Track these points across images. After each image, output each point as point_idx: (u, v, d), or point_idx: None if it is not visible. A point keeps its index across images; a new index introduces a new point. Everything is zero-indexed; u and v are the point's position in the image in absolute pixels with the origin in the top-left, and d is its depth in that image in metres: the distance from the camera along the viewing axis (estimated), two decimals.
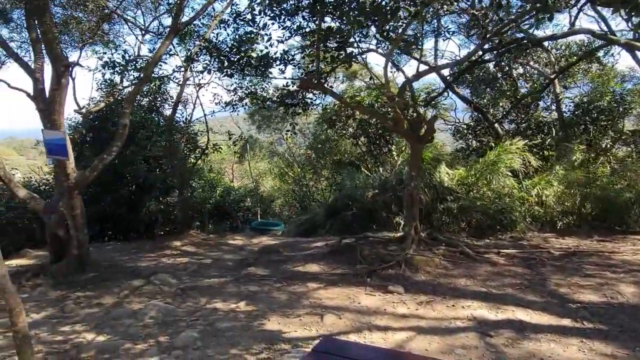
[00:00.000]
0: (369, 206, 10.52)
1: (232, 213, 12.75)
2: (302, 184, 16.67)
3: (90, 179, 7.02)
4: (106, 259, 9.00)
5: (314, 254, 8.28)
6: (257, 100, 9.06)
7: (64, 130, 6.41)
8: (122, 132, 7.09)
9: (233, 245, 10.02)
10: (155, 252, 9.34)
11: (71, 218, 7.10)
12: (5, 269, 3.53)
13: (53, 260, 7.71)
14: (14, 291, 3.57)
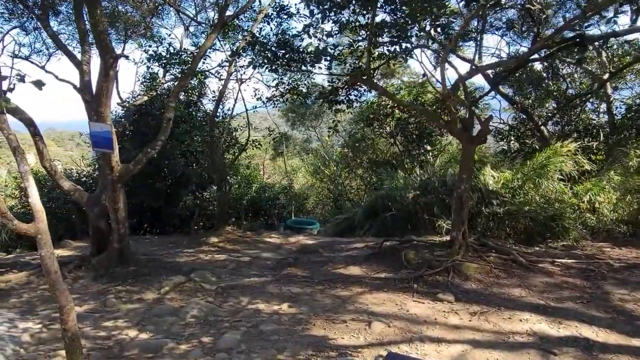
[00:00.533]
0: (409, 208, 10.20)
1: (268, 210, 12.64)
2: (337, 182, 16.43)
3: (133, 172, 6.97)
4: (145, 252, 8.99)
5: (355, 256, 8.03)
6: (299, 96, 8.86)
7: (110, 123, 6.36)
8: (167, 126, 7.02)
9: (270, 243, 9.88)
10: (193, 248, 9.28)
11: (113, 211, 7.07)
12: (57, 265, 3.43)
13: (94, 253, 7.72)
14: (65, 288, 3.47)
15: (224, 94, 9.33)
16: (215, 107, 9.48)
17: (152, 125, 12.17)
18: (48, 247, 3.39)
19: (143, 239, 10.88)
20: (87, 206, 7.61)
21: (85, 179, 12.49)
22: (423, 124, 13.93)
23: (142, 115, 12.82)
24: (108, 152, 6.51)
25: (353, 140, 16.50)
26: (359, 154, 15.12)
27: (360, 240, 9.74)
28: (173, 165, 12.09)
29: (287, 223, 12.65)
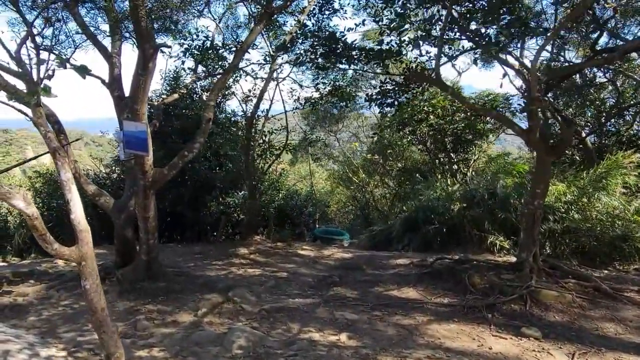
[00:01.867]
0: (453, 221, 9.42)
1: (295, 219, 11.91)
2: (365, 190, 15.67)
3: (168, 177, 6.26)
4: (170, 264, 8.27)
5: (405, 275, 7.26)
6: (341, 98, 8.13)
7: (146, 122, 5.65)
8: (206, 127, 6.31)
9: (304, 256, 9.13)
10: (222, 260, 8.56)
11: (143, 220, 6.35)
12: (104, 302, 2.70)
13: (119, 264, 7.02)
14: (114, 331, 2.73)
15: (264, 93, 8.64)
16: (254, 108, 8.74)
17: (175, 126, 11.50)
18: (93, 277, 2.67)
19: (165, 247, 10.15)
20: (113, 213, 6.91)
21: (105, 182, 11.81)
22: (460, 131, 13.17)
23: (165, 115, 12.15)
24: (142, 155, 5.80)
25: (380, 146, 15.73)
26: (389, 161, 14.35)
27: (401, 256, 8.98)
28: (197, 169, 11.38)
29: (316, 233, 11.90)
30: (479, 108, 6.07)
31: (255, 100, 8.71)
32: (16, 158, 65.49)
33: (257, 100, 8.63)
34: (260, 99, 8.62)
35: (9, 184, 13.64)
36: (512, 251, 8.45)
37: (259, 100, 8.59)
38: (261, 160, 9.67)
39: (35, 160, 16.56)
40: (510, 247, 8.50)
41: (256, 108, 8.66)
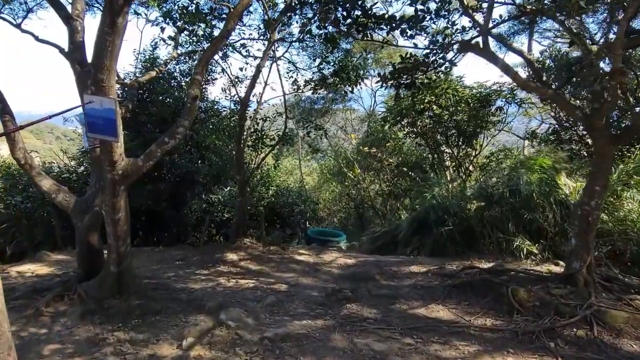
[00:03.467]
0: (470, 222, 8.38)
1: (287, 218, 10.68)
2: (360, 187, 14.51)
3: (143, 170, 4.98)
4: (147, 273, 6.98)
5: (428, 288, 6.15)
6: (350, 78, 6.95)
7: (115, 97, 4.36)
8: (191, 108, 5.05)
9: (303, 262, 7.94)
10: (209, 269, 7.30)
11: (112, 223, 5.06)
12: None
13: (82, 277, 5.70)
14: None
15: (260, 72, 7.32)
16: (249, 89, 7.42)
17: (152, 113, 10.14)
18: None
19: (140, 252, 8.81)
20: (74, 214, 5.59)
21: (68, 176, 10.34)
22: (464, 123, 12.17)
23: (140, 101, 10.76)
24: (109, 140, 4.51)
25: (375, 139, 14.61)
26: (385, 155, 13.24)
27: (413, 262, 7.88)
28: (177, 162, 10.06)
29: (309, 234, 10.70)
30: (533, 86, 5.00)
31: (249, 81, 7.41)
32: None
33: (251, 80, 7.32)
34: (256, 78, 7.33)
35: None
36: (541, 257, 7.48)
37: (254, 80, 7.31)
38: (252, 152, 8.41)
39: None
40: (539, 252, 7.50)
41: (250, 89, 7.38)
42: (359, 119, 23.83)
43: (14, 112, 5.21)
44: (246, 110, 7.49)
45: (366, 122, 19.86)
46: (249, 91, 7.39)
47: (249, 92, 7.39)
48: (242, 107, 7.38)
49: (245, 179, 8.06)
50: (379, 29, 5.32)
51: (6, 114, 5.06)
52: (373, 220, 14.70)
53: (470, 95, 12.24)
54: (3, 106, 5.06)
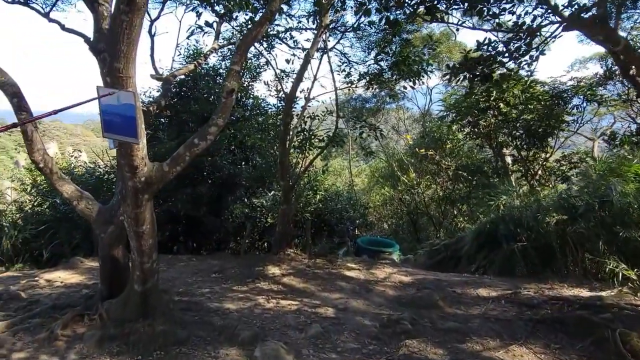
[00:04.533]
0: (548, 238, 7.16)
1: (335, 225, 9.82)
2: (414, 192, 13.42)
3: (169, 176, 4.26)
4: (180, 287, 6.33)
5: (505, 322, 5.09)
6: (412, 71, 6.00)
7: (135, 91, 3.65)
8: (226, 104, 4.28)
9: (353, 279, 7.03)
10: (247, 284, 6.55)
11: (135, 236, 4.38)
12: None
13: (105, 294, 5.08)
14: None
15: (308, 64, 6.48)
16: (294, 85, 6.57)
17: (194, 111, 9.56)
18: None
19: (177, 260, 8.22)
20: (97, 224, 4.97)
21: (104, 177, 9.97)
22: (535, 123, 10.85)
23: (182, 99, 10.25)
24: (129, 142, 3.81)
25: (431, 140, 13.45)
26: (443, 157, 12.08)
27: (480, 283, 6.79)
28: (219, 164, 9.43)
29: (359, 243, 9.77)
30: None
31: (296, 75, 6.56)
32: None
33: (299, 72, 6.44)
34: (304, 70, 6.47)
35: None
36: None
37: (302, 72, 6.43)
38: (298, 154, 7.61)
39: None
40: (637, 278, 6.21)
41: (297, 82, 6.53)
42: (412, 119, 22.62)
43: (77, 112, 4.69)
44: (292, 108, 6.67)
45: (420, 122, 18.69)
46: (296, 85, 6.54)
47: (295, 86, 6.54)
48: (287, 103, 6.56)
49: (291, 185, 7.25)
50: (453, 8, 4.34)
51: (23, 110, 4.50)
52: (427, 228, 13.57)
53: (541, 92, 10.93)
54: (19, 101, 4.50)
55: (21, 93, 4.57)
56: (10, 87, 4.49)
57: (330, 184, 11.34)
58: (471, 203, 11.89)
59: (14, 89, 4.52)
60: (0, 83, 4.44)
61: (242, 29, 6.72)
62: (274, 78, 8.45)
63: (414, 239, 12.36)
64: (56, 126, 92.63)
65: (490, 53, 4.85)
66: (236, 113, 10.07)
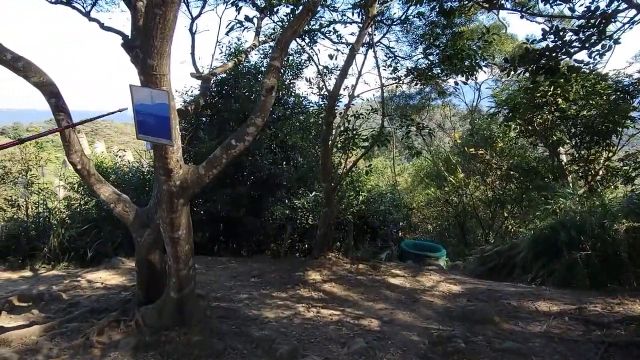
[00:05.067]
0: (617, 247, 6.49)
1: (379, 228, 9.41)
2: (462, 193, 12.78)
3: (205, 180, 4.03)
4: (218, 291, 6.14)
5: (570, 342, 4.56)
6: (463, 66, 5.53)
7: (169, 90, 3.43)
8: (265, 102, 4.01)
9: (398, 288, 6.64)
10: (287, 290, 6.29)
11: (170, 242, 4.19)
12: None
13: (142, 299, 4.94)
14: None
15: (354, 58, 6.10)
16: (338, 81, 6.20)
17: (235, 110, 9.41)
18: None
19: (217, 262, 8.09)
20: (134, 227, 4.83)
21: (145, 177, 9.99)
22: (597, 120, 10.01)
23: (223, 97, 10.13)
24: (162, 143, 3.60)
25: (479, 139, 12.75)
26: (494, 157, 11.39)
27: (539, 295, 6.21)
28: (259, 163, 9.24)
29: (403, 247, 9.32)
30: None
31: (340, 70, 6.18)
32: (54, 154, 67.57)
33: (343, 67, 6.05)
34: (349, 65, 6.06)
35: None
36: None
37: (347, 67, 6.03)
38: (342, 154, 7.25)
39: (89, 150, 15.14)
40: None
41: (341, 79, 6.16)
42: (458, 116, 21.77)
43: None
44: (336, 106, 6.33)
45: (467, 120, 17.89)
46: (340, 82, 6.15)
47: (339, 82, 6.15)
48: (330, 101, 6.21)
49: (333, 186, 6.92)
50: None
51: (60, 111, 4.40)
52: (475, 231, 12.89)
53: (604, 85, 10.06)
54: (57, 102, 4.40)
55: (59, 93, 4.48)
56: (48, 87, 4.40)
57: (373, 185, 10.90)
58: (524, 205, 11.16)
59: (52, 89, 4.43)
60: (38, 83, 4.35)
61: (283, 24, 6.46)
62: (316, 75, 8.16)
63: (461, 242, 11.75)
64: (107, 125, 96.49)
65: (556, 43, 4.33)
66: (277, 112, 9.86)
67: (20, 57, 4.34)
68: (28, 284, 6.91)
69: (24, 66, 4.30)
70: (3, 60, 4.27)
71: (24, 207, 10.68)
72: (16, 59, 4.30)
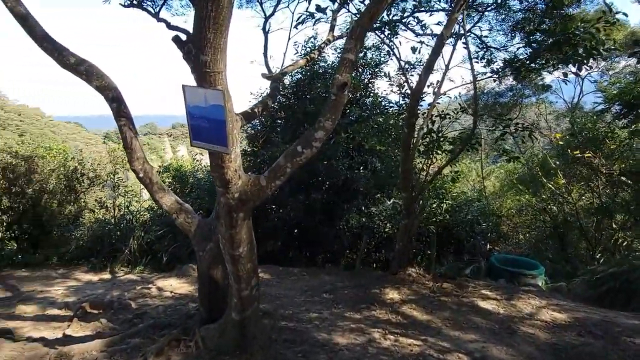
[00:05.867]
0: None
1: (466, 240, 8.45)
2: (563, 200, 11.31)
3: (267, 192, 3.55)
4: (287, 308, 5.68)
5: None
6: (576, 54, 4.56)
7: (225, 89, 2.97)
8: (337, 101, 3.44)
9: (489, 313, 5.74)
10: (361, 311, 5.67)
11: (231, 260, 3.76)
12: None
13: (204, 317, 4.59)
14: None
15: (442, 47, 5.31)
16: (423, 75, 5.38)
17: (310, 112, 8.97)
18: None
19: (288, 273, 7.68)
20: (195, 240, 4.49)
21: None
22: None
23: (298, 99, 9.75)
24: (218, 151, 3.16)
25: (583, 140, 11.16)
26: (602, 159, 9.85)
27: None
28: (335, 168, 8.70)
29: (493, 262, 8.28)
30: None
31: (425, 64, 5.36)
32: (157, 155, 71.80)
33: (428, 61, 5.19)
34: (437, 56, 5.21)
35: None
36: None
37: (433, 59, 5.18)
38: (424, 160, 6.44)
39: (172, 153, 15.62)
40: None
41: (427, 73, 5.35)
42: (555, 114, 19.72)
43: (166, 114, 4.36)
44: (418, 105, 5.56)
45: (567, 118, 16.02)
46: (425, 77, 5.31)
47: (424, 77, 5.30)
48: (413, 99, 5.43)
49: (414, 195, 6.18)
50: None
51: (122, 116, 4.15)
52: (577, 244, 11.33)
53: None
54: (119, 106, 4.16)
55: (121, 97, 4.24)
56: (110, 92, 4.18)
57: (459, 191, 9.90)
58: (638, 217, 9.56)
59: (114, 94, 4.21)
60: (100, 87, 4.14)
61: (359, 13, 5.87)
62: (396, 71, 7.45)
63: (561, 258, 10.33)
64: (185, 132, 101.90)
65: None
66: (354, 113, 9.27)
67: (83, 60, 4.17)
68: (104, 288, 6.97)
69: (86, 69, 4.12)
70: (66, 64, 4.11)
71: (111, 208, 11.10)
72: (79, 63, 4.12)
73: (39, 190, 10.17)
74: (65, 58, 4.09)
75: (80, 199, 11.35)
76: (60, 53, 4.09)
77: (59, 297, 6.53)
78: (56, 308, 6.02)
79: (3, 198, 9.80)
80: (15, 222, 9.95)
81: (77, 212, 11.12)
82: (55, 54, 4.09)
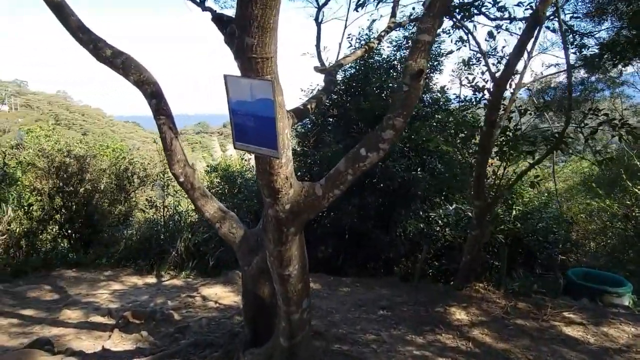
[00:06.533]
0: None
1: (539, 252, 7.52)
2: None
3: (324, 204, 2.98)
4: (340, 327, 5.10)
5: None
6: None
7: (275, 79, 2.43)
8: (410, 94, 2.82)
9: (576, 342, 4.90)
10: (424, 335, 4.99)
11: (279, 279, 3.24)
12: None
13: (249, 338, 4.10)
14: None
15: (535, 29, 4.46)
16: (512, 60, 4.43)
17: (365, 109, 8.34)
18: None
19: (339, 283, 7.11)
20: (240, 253, 3.99)
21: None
22: None
23: (351, 96, 9.14)
24: (266, 155, 2.62)
25: None
26: None
27: None
28: (391, 169, 8.02)
29: (570, 276, 7.30)
30: None
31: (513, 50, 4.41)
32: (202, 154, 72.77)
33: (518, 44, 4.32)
34: (529, 38, 4.36)
35: None
36: None
37: (524, 40, 4.31)
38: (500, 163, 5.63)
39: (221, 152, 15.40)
40: None
41: (516, 58, 4.39)
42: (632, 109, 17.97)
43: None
44: (502, 98, 4.77)
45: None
46: (514, 61, 4.39)
47: (513, 62, 4.38)
48: (496, 91, 4.60)
49: (488, 203, 5.42)
50: None
51: (161, 115, 3.72)
52: None
53: None
54: (159, 103, 3.73)
55: (161, 93, 3.81)
56: (148, 86, 3.76)
57: (531, 196, 8.91)
58: None
59: (154, 89, 3.78)
60: (138, 81, 3.73)
61: None
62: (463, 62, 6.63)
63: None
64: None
65: None
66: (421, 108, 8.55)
67: (121, 52, 3.78)
68: (148, 294, 6.68)
69: (123, 62, 3.72)
70: (103, 57, 3.74)
71: (160, 208, 10.95)
72: (116, 55, 3.73)
73: (90, 190, 10.16)
74: (101, 50, 3.72)
75: (131, 198, 11.31)
76: (95, 45, 3.72)
77: (103, 303, 6.30)
78: (99, 315, 5.77)
79: (56, 197, 9.84)
80: (67, 222, 9.98)
81: (127, 211, 11.07)
82: (91, 46, 3.72)
